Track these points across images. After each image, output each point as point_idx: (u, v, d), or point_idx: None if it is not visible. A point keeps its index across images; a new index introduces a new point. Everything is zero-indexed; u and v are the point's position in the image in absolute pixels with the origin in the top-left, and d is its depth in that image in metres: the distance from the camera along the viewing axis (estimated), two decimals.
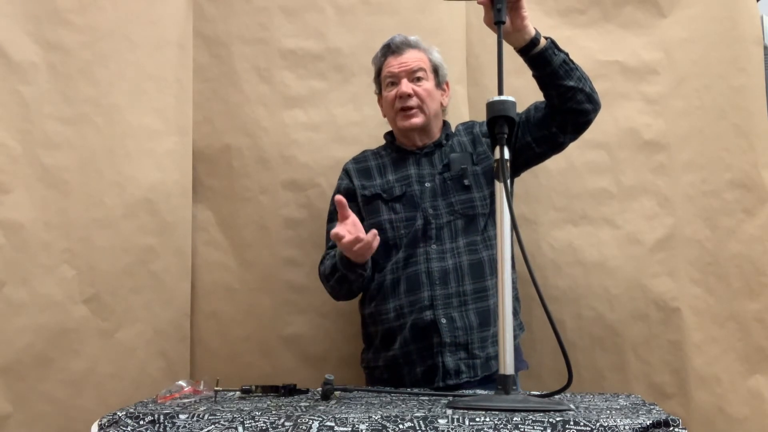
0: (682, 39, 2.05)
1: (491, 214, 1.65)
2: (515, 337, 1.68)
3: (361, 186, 1.72)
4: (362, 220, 1.67)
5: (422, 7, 2.03)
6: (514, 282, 1.71)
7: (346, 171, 1.77)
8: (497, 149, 1.27)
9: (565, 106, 1.57)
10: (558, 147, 1.68)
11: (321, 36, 2.02)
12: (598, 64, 2.04)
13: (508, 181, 1.24)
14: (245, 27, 2.01)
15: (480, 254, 1.63)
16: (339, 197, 1.52)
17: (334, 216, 1.70)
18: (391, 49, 1.72)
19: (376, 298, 1.66)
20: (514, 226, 1.24)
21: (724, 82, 2.02)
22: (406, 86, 1.67)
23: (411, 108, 1.67)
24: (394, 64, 1.70)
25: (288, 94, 2.00)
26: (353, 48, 2.00)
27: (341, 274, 1.59)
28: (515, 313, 1.72)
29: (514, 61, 1.52)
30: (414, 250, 1.63)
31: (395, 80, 1.70)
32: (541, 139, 1.65)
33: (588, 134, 2.05)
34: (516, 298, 1.74)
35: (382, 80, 1.75)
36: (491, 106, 1.28)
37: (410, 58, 1.70)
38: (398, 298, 1.62)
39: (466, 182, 1.66)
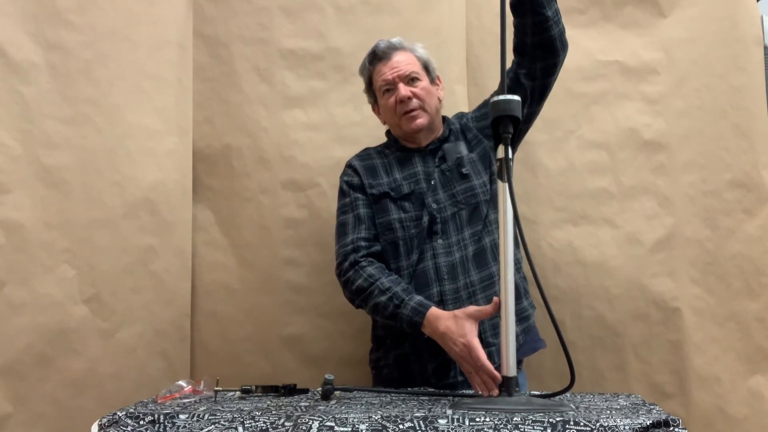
0: (682, 39, 2.05)
1: (492, 200, 1.64)
2: (529, 316, 1.67)
3: (369, 184, 1.69)
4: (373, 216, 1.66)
5: (422, 7, 2.03)
6: (519, 261, 1.69)
7: (353, 168, 1.73)
8: (500, 148, 1.26)
9: (538, 37, 1.52)
10: (529, 102, 1.60)
11: (321, 36, 2.02)
12: (598, 64, 2.04)
13: (512, 182, 1.24)
14: (245, 27, 2.01)
15: (483, 242, 1.62)
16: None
17: (347, 208, 1.68)
18: (377, 56, 1.69)
19: None
20: (518, 227, 1.23)
21: (724, 82, 2.02)
22: (404, 90, 1.65)
23: (413, 110, 1.66)
24: (385, 71, 1.68)
25: (288, 94, 2.00)
26: (353, 48, 1.99)
27: (396, 325, 1.52)
28: (525, 292, 1.69)
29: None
30: (422, 247, 1.62)
31: (391, 86, 1.67)
32: None
33: (588, 134, 2.04)
34: (523, 278, 1.71)
35: (376, 89, 1.72)
36: (496, 105, 1.25)
37: (400, 62, 1.68)
38: None
39: (464, 171, 1.65)
